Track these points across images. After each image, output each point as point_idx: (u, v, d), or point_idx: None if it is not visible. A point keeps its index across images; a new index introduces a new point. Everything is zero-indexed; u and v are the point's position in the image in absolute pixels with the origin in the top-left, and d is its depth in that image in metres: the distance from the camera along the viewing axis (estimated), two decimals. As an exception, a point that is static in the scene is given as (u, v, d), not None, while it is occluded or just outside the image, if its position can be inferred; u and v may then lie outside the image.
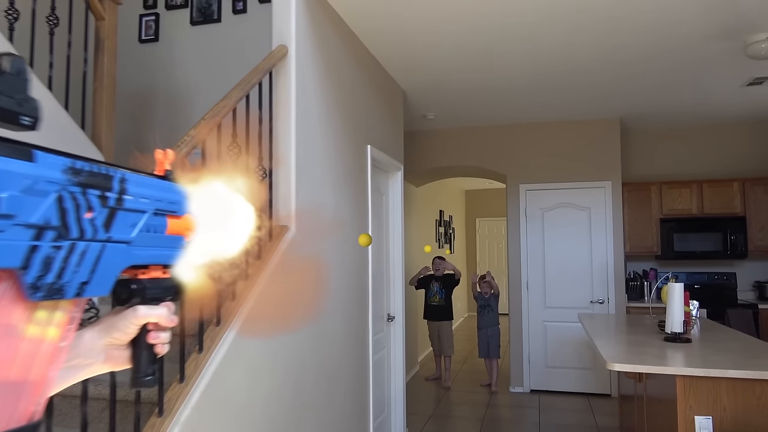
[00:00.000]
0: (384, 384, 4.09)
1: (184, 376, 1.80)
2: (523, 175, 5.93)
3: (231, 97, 2.12)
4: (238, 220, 0.69)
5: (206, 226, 0.68)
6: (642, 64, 4.07)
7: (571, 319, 5.61)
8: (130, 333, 0.65)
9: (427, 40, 3.57)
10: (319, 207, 2.86)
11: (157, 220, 0.63)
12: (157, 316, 0.67)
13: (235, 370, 2.02)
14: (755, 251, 5.61)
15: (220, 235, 0.69)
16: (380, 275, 4.03)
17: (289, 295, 2.46)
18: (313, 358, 2.70)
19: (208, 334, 1.96)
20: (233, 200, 0.68)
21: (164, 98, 3.83)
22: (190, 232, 0.69)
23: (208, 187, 0.67)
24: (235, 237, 0.70)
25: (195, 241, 0.68)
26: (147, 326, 0.66)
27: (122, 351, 0.66)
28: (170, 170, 0.70)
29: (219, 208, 0.69)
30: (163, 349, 0.70)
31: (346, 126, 3.27)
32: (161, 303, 0.67)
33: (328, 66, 3.00)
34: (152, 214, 0.62)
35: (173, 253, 0.67)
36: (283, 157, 2.53)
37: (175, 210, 0.66)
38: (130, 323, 0.65)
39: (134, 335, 0.66)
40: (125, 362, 0.67)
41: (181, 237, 0.67)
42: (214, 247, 0.69)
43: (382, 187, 4.21)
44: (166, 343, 0.70)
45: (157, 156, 0.72)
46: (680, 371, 2.51)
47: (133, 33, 3.94)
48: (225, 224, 0.69)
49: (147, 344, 0.67)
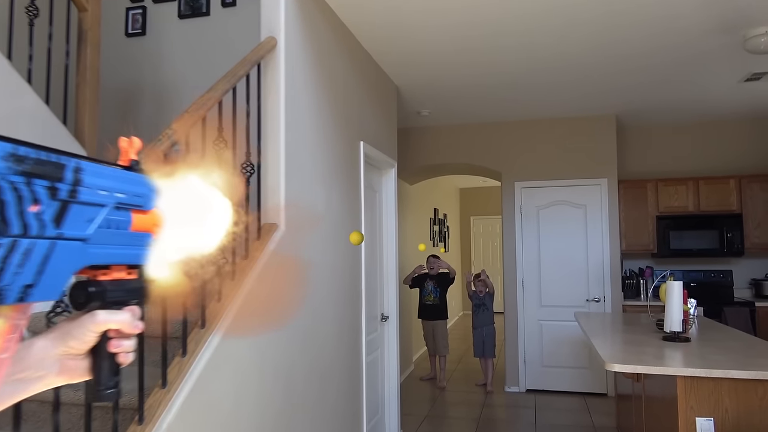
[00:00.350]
0: (378, 385, 4.01)
1: (167, 381, 1.72)
2: (518, 173, 5.87)
3: (217, 89, 2.04)
4: (213, 216, 0.62)
5: (179, 221, 0.61)
6: (639, 59, 4.01)
7: (567, 318, 5.56)
8: (87, 341, 0.58)
9: (420, 34, 3.49)
10: (310, 204, 2.77)
11: (120, 215, 0.56)
12: (118, 322, 0.59)
13: (221, 374, 1.93)
14: (752, 249, 5.57)
15: (194, 232, 0.63)
16: (374, 274, 3.95)
17: (278, 293, 2.38)
18: (304, 359, 2.62)
19: (193, 337, 1.87)
20: (208, 195, 0.61)
21: (152, 93, 3.73)
22: (158, 229, 0.62)
23: (182, 180, 0.60)
24: (210, 233, 0.63)
25: (166, 238, 0.60)
26: (108, 333, 0.59)
27: (80, 361, 0.59)
28: (136, 160, 0.63)
29: (193, 202, 0.61)
30: (127, 358, 0.63)
31: (338, 121, 3.19)
32: (125, 307, 0.60)
33: (319, 59, 2.92)
34: (113, 209, 0.55)
35: (139, 251, 0.60)
36: (272, 153, 2.44)
37: (141, 204, 0.59)
38: (88, 330, 0.58)
39: (93, 344, 0.59)
40: (83, 374, 0.60)
41: (148, 234, 0.60)
42: (188, 244, 0.61)
43: (376, 185, 4.13)
44: (129, 352, 0.63)
45: (121, 144, 0.64)
46: (681, 372, 2.45)
47: (119, 27, 3.85)
48: (199, 220, 0.62)
49: (108, 353, 0.60)
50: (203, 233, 0.62)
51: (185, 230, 0.62)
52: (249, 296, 2.14)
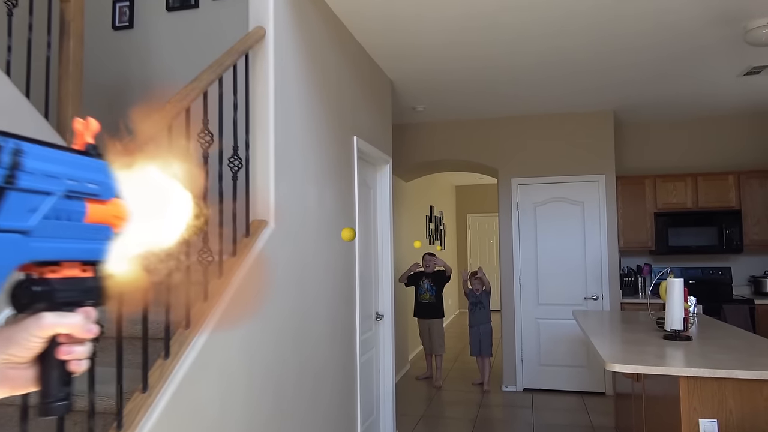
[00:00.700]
0: (373, 385, 3.93)
1: (148, 385, 1.63)
2: (515, 169, 5.79)
3: (201, 80, 1.95)
4: (175, 209, 0.56)
5: (141, 214, 0.55)
6: (637, 53, 3.93)
7: (564, 316, 5.49)
8: (32, 348, 0.51)
9: (415, 26, 3.40)
10: (302, 200, 2.69)
11: (72, 204, 0.50)
12: (69, 325, 0.52)
13: (206, 377, 1.85)
14: (751, 245, 5.51)
15: (156, 225, 0.56)
16: (368, 272, 3.87)
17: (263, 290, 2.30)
18: (295, 361, 2.53)
19: (176, 338, 1.79)
20: (169, 186, 0.56)
21: (139, 88, 3.63)
22: (120, 221, 0.55)
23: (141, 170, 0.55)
24: (172, 227, 0.56)
25: (128, 232, 0.54)
26: (57, 339, 0.52)
27: (24, 370, 0.52)
28: (93, 144, 0.55)
29: (154, 194, 0.55)
30: (79, 366, 0.55)
31: (331, 115, 3.10)
32: (78, 309, 0.53)
33: (310, 50, 2.83)
34: (63, 197, 0.49)
35: (95, 246, 0.53)
36: (261, 146, 2.36)
37: (98, 193, 0.52)
38: (32, 335, 0.51)
39: (39, 350, 0.52)
40: (29, 384, 0.53)
41: (106, 227, 0.53)
42: (150, 238, 0.55)
43: (370, 181, 4.05)
44: (82, 359, 0.55)
45: (76, 126, 0.57)
46: (684, 372, 2.38)
47: (106, 20, 3.75)
48: (161, 212, 0.56)
49: (57, 361, 0.53)
50: (165, 227, 0.56)
51: (147, 223, 0.55)
52: (237, 296, 2.05)
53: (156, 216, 0.56)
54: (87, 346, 0.55)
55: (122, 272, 0.56)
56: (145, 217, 0.55)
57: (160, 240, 0.56)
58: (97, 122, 0.57)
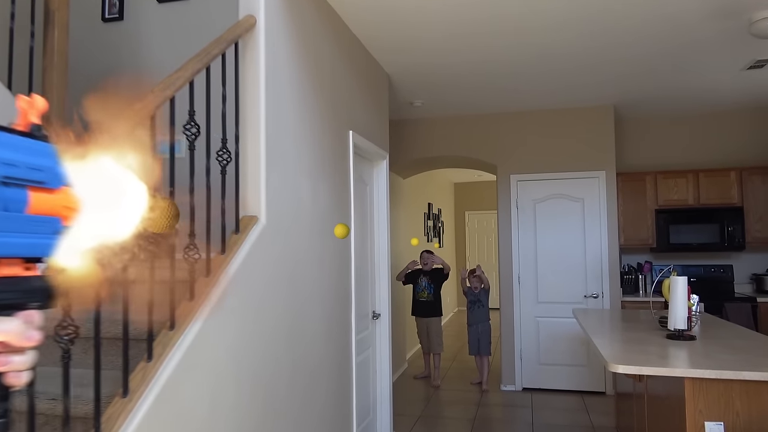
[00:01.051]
0: (369, 385, 3.85)
1: (128, 389, 1.55)
2: (514, 166, 5.71)
3: (187, 69, 1.87)
4: (129, 200, 0.50)
5: (94, 204, 0.49)
6: (638, 45, 3.85)
7: (564, 315, 5.42)
8: None
9: (412, 17, 3.31)
10: (294, 196, 2.60)
11: (10, 192, 0.43)
12: (4, 332, 0.45)
13: (192, 380, 1.77)
14: (753, 243, 5.43)
15: (109, 217, 0.50)
16: (364, 270, 3.78)
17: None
18: (287, 361, 2.45)
19: (160, 340, 1.70)
20: (121, 176, 0.50)
21: (129, 80, 3.54)
22: (70, 213, 0.47)
23: (94, 159, 0.49)
24: (124, 220, 0.50)
25: (78, 225, 0.48)
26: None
27: None
28: (38, 125, 0.48)
29: (105, 183, 0.49)
30: (18, 379, 0.48)
31: (325, 109, 3.02)
32: (17, 312, 0.46)
33: (303, 41, 2.74)
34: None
35: (40, 240, 0.46)
36: (252, 139, 2.27)
37: (44, 180, 0.45)
38: None
39: None
40: None
41: (54, 219, 0.46)
42: (102, 231, 0.50)
43: (366, 177, 3.96)
44: (22, 370, 0.48)
45: (20, 104, 0.50)
46: (689, 373, 2.30)
47: (95, 11, 3.65)
48: (113, 203, 0.49)
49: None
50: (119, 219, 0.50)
51: (101, 215, 0.49)
52: (225, 293, 1.97)
53: (110, 207, 0.50)
54: (28, 356, 0.48)
55: (74, 269, 0.49)
56: (98, 208, 0.49)
57: (115, 233, 0.50)
58: (45, 100, 0.49)
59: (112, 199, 0.49)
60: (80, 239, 0.48)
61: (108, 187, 0.49)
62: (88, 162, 0.49)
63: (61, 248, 0.46)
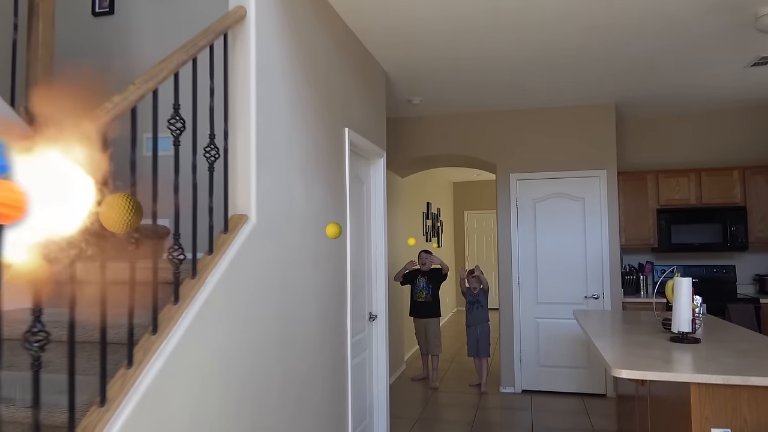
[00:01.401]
0: (365, 388, 3.77)
1: (106, 398, 1.46)
2: (513, 164, 5.63)
3: (171, 60, 1.78)
4: (75, 194, 0.55)
5: (39, 199, 0.53)
6: (639, 41, 3.77)
7: (564, 316, 5.34)
8: None
9: (410, 10, 3.23)
10: (287, 194, 2.51)
11: None
12: None
13: (175, 388, 1.68)
14: (756, 243, 5.35)
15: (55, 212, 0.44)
16: (361, 271, 3.70)
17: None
18: (279, 366, 2.36)
19: (141, 345, 1.62)
20: (69, 171, 0.55)
21: (120, 76, 3.45)
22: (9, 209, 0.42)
23: (39, 154, 0.53)
24: (70, 214, 0.45)
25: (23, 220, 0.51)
26: None
27: None
28: None
29: (52, 178, 0.53)
30: None
31: (320, 104, 2.93)
32: None
33: (297, 34, 2.66)
34: None
35: None
36: (242, 135, 2.19)
37: None
38: None
39: None
40: None
41: None
42: (48, 225, 0.53)
43: (363, 175, 3.88)
44: None
45: None
46: (695, 378, 2.22)
47: (85, 5, 3.57)
48: (60, 198, 0.44)
49: None
50: (64, 213, 0.45)
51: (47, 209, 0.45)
52: (213, 296, 1.88)
53: (55, 202, 0.45)
54: None
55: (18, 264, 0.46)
56: (44, 203, 0.44)
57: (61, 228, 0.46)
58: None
59: (57, 193, 0.45)
60: (26, 234, 0.45)
61: (53, 181, 0.45)
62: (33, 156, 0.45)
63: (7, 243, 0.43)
